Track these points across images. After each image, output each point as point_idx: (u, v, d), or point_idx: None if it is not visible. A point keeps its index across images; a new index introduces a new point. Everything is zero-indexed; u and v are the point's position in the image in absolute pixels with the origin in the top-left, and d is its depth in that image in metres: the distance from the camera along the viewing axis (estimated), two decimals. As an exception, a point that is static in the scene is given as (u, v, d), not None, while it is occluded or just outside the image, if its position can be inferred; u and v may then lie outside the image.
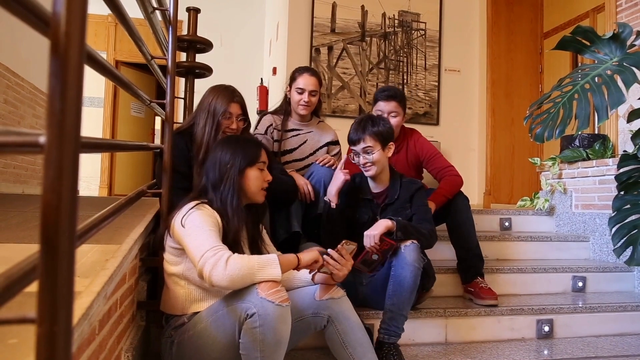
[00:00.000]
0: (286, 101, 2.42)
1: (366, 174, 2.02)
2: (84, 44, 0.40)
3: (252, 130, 2.23)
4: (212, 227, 1.45)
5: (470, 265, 2.32)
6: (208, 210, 1.51)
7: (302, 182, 2.18)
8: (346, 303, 1.63)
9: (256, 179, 1.61)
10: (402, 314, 1.80)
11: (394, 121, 2.37)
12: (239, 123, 1.91)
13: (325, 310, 1.59)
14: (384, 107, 2.41)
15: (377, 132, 1.95)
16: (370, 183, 2.07)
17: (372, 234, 1.84)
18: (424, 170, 2.58)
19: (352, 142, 2.00)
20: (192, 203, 1.51)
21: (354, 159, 2.02)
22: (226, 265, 1.34)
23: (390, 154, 2.03)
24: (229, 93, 1.91)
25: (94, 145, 0.98)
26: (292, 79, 2.38)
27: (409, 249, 1.81)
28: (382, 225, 1.85)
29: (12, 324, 0.42)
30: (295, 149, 2.40)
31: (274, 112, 2.45)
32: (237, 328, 1.36)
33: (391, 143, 2.01)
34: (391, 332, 1.79)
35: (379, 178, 2.04)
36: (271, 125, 2.37)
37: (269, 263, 1.40)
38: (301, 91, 2.31)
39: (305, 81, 2.31)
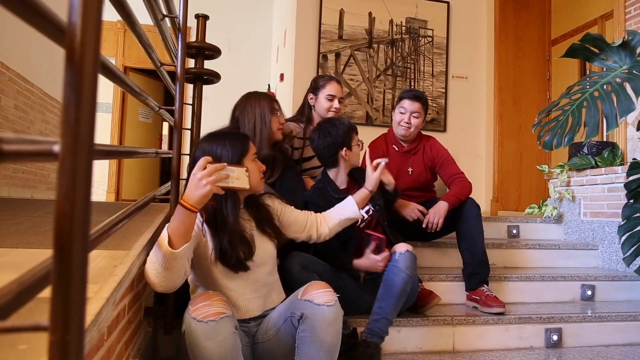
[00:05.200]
0: (308, 108, 2.44)
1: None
2: (99, 53, 0.41)
3: None
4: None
5: (475, 272, 2.30)
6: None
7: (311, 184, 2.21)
8: (326, 314, 1.38)
9: (254, 171, 1.50)
10: (387, 318, 1.83)
11: (415, 122, 2.46)
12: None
13: (298, 310, 1.39)
14: (408, 106, 2.46)
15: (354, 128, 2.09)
16: (338, 181, 2.07)
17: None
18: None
19: None
20: None
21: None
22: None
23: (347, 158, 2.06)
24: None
25: (107, 153, 0.99)
26: (318, 87, 2.41)
27: (403, 256, 1.87)
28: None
29: (25, 332, 0.42)
30: (314, 156, 2.40)
31: (294, 120, 2.46)
32: None
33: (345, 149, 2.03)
34: (373, 332, 1.82)
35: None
36: (291, 132, 2.38)
37: (162, 239, 1.26)
38: (332, 97, 2.38)
39: (335, 89, 2.40)
